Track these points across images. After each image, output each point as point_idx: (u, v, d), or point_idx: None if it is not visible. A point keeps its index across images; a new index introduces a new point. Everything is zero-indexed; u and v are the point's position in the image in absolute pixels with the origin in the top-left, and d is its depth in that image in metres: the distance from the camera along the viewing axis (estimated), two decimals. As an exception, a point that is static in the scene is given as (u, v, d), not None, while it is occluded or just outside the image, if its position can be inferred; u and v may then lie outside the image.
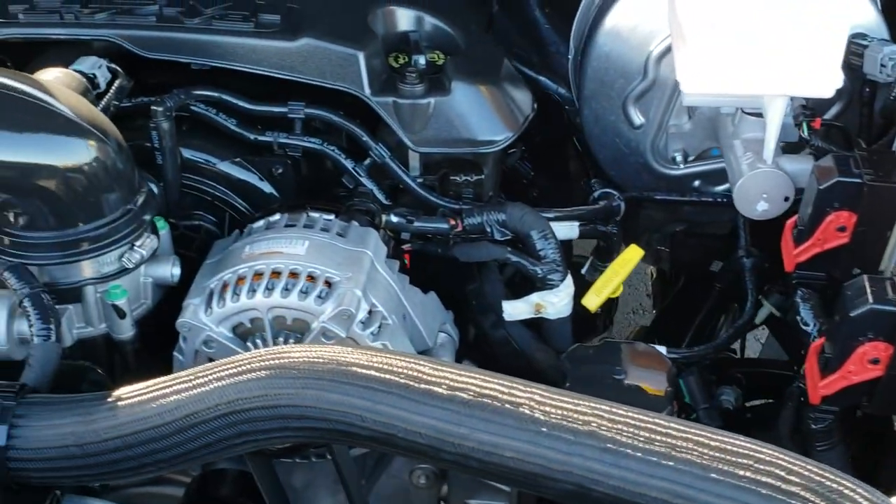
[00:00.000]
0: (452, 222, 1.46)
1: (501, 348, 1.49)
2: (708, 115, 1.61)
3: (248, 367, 1.00)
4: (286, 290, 1.24)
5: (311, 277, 1.25)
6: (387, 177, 1.54)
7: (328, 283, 1.26)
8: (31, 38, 1.49)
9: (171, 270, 1.31)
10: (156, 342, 1.34)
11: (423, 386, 0.92)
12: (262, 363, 0.99)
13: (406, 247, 1.49)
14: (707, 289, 1.84)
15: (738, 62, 1.28)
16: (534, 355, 1.47)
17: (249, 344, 1.27)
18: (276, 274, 1.25)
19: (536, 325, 1.49)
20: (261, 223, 1.37)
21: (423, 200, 1.50)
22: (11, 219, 1.21)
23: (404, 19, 1.58)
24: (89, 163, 1.19)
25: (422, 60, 1.50)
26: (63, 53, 1.52)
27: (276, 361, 0.99)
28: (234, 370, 1.00)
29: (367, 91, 1.46)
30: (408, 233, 1.48)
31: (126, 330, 1.28)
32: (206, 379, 1.01)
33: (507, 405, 0.89)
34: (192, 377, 1.02)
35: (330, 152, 1.52)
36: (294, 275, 1.25)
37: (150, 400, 1.02)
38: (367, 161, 1.52)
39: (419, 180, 1.52)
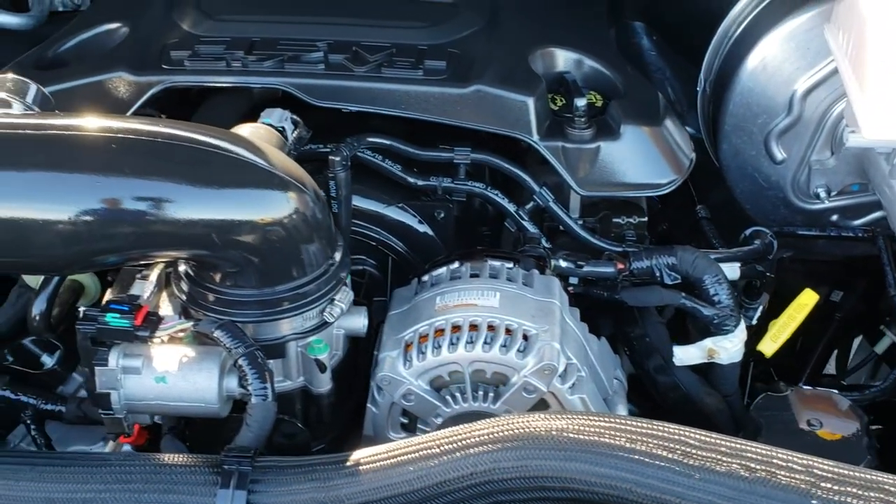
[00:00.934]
0: (620, 266, 1.46)
1: (668, 392, 1.49)
2: (854, 152, 1.61)
3: (498, 435, 1.00)
4: (487, 344, 1.24)
5: (509, 330, 1.25)
6: (545, 219, 1.54)
7: (525, 336, 1.26)
8: (197, 85, 1.50)
9: (362, 321, 1.31)
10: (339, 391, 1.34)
11: (694, 461, 0.92)
12: (512, 432, 0.99)
13: (569, 290, 1.49)
14: (825, 319, 1.84)
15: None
16: (703, 400, 1.47)
17: (447, 397, 1.27)
18: (474, 327, 1.26)
19: (701, 369, 1.49)
20: (441, 271, 1.37)
21: (586, 243, 1.51)
22: (216, 276, 1.21)
23: (562, 60, 1.59)
24: (293, 216, 1.18)
25: (582, 103, 1.50)
26: (228, 100, 1.53)
27: (528, 430, 0.99)
28: (483, 438, 1.00)
29: (536, 136, 1.47)
30: (575, 277, 1.48)
31: (325, 383, 1.29)
32: (453, 446, 1.01)
33: (784, 477, 0.89)
34: (435, 444, 1.02)
35: (493, 196, 1.52)
36: (492, 328, 1.25)
37: (394, 466, 1.03)
38: (530, 204, 1.52)
39: (579, 223, 1.53)
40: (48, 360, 1.65)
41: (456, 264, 1.38)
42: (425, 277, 1.39)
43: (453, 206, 1.54)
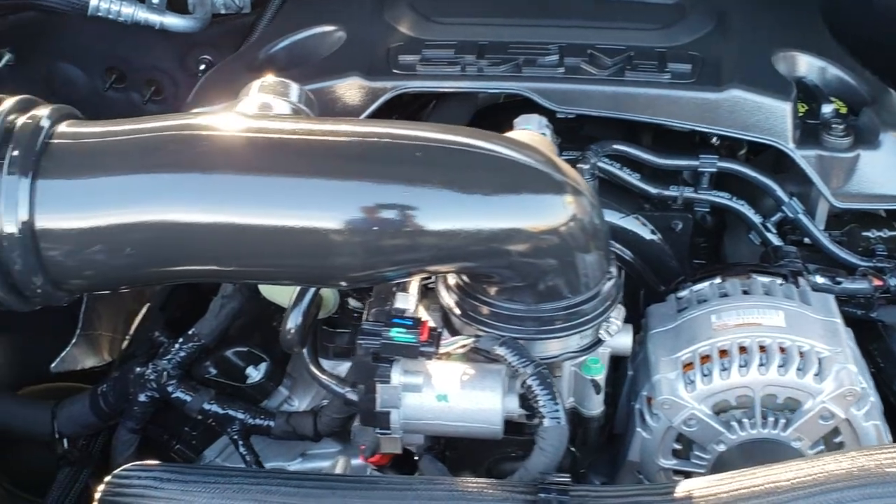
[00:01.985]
0: (877, 283, 1.37)
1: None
2: None
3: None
4: (781, 367, 1.16)
5: (802, 353, 1.17)
6: (786, 232, 1.46)
7: (818, 359, 1.17)
8: (430, 91, 1.44)
9: (629, 340, 1.23)
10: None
11: None
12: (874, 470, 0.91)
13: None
14: None
15: None
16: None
17: (733, 423, 1.18)
18: (763, 349, 1.17)
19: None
20: (703, 287, 1.29)
21: (835, 258, 1.42)
22: (490, 289, 1.14)
23: (805, 65, 1.50)
24: (569, 221, 1.08)
25: (830, 109, 1.42)
26: (454, 106, 1.47)
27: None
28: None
29: (791, 144, 1.38)
30: (832, 294, 1.39)
31: (598, 405, 1.21)
32: (808, 481, 0.92)
33: None
34: (790, 479, 0.93)
35: (738, 207, 1.44)
36: (783, 350, 1.17)
37: (738, 501, 0.94)
38: (776, 216, 1.44)
39: (827, 236, 1.44)
40: (254, 373, 1.60)
41: (718, 280, 1.30)
42: (683, 293, 1.31)
43: (692, 217, 1.46)
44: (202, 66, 2.12)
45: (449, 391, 1.12)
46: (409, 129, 1.07)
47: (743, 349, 1.17)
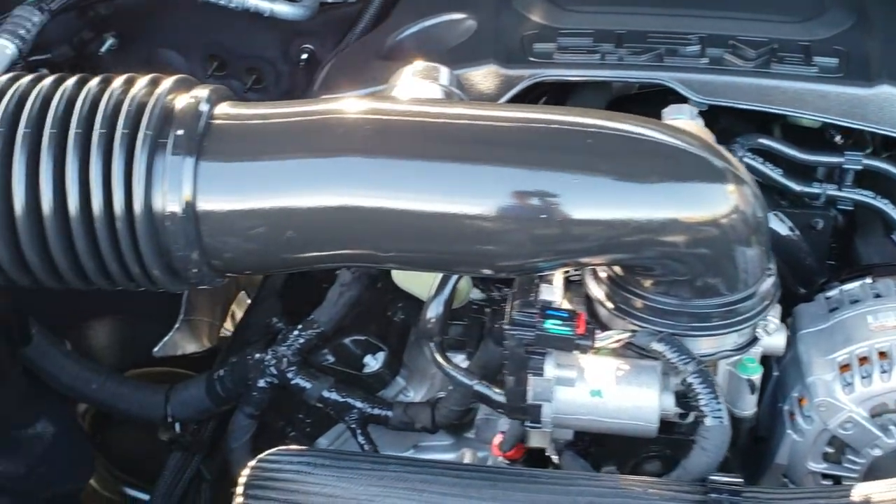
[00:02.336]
0: None
1: None
2: None
3: None
4: (949, 371, 1.12)
5: (970, 357, 1.13)
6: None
7: None
8: (567, 79, 1.41)
9: (783, 340, 1.20)
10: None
11: None
12: None
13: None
14: None
15: None
16: None
17: (891, 427, 1.14)
18: (927, 350, 1.13)
19: None
20: (854, 287, 1.25)
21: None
22: (646, 281, 1.11)
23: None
24: (732, 212, 1.05)
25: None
26: (589, 95, 1.44)
27: None
28: None
29: (946, 142, 1.34)
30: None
31: (751, 406, 1.18)
32: None
33: None
34: None
35: (882, 206, 1.40)
36: (949, 353, 1.13)
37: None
38: (922, 218, 1.39)
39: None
40: (372, 363, 1.59)
41: (869, 280, 1.26)
42: (832, 293, 1.27)
43: (834, 215, 1.42)
44: (304, 56, 2.11)
45: (603, 386, 1.09)
46: (571, 115, 1.05)
47: (905, 351, 1.13)
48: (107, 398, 1.71)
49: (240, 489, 1.10)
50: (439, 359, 1.33)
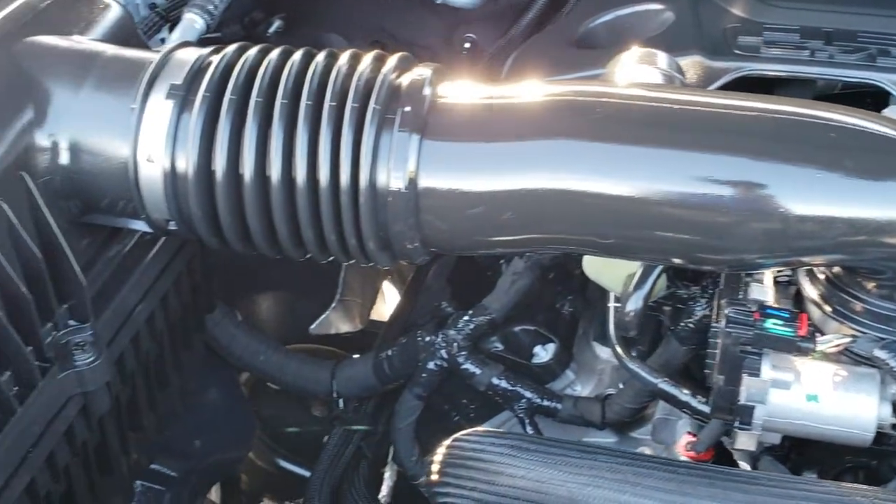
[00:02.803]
0: None
1: None
2: None
3: None
4: None
5: None
6: None
7: None
8: (774, 75, 1.37)
9: None
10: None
11: None
12: None
13: None
14: None
15: None
16: None
17: None
18: None
19: None
20: None
21: None
22: (867, 284, 1.07)
23: None
24: None
25: None
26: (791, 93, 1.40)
27: None
28: None
29: None
30: None
31: (972, 423, 1.12)
32: None
33: None
34: None
35: None
36: None
37: None
38: None
39: None
40: (542, 353, 1.58)
41: None
42: None
43: None
44: (467, 45, 2.11)
45: (820, 392, 1.05)
46: (807, 107, 1.01)
47: None
48: (273, 370, 1.74)
49: (434, 467, 1.10)
50: (622, 353, 1.32)
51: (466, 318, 1.56)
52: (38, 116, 1.06)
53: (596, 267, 1.31)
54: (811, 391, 1.06)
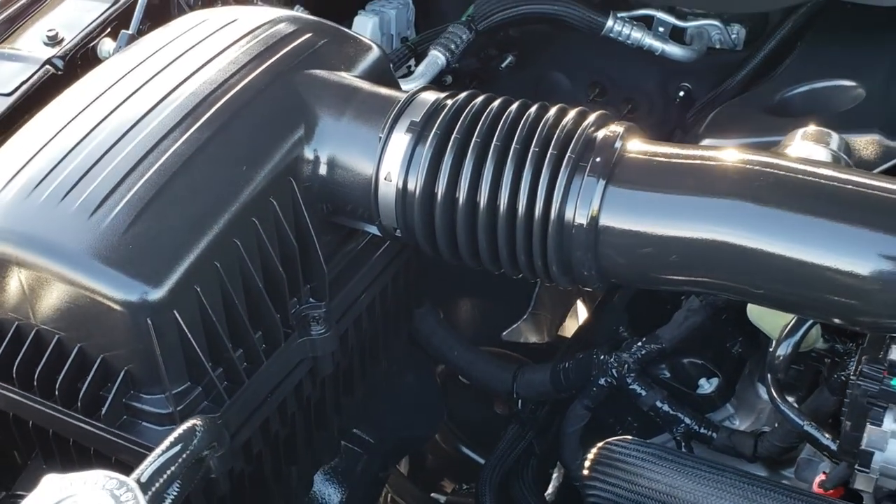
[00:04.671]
0: None
1: None
2: None
3: None
4: None
5: None
6: None
7: None
8: None
9: None
10: None
11: None
12: None
13: None
14: None
15: None
16: None
17: None
18: None
19: None
20: None
21: None
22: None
23: None
24: None
25: None
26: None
27: None
28: None
29: None
30: None
31: None
32: None
33: None
34: None
35: None
36: None
37: None
38: None
39: None
40: (706, 386, 1.73)
41: None
42: None
43: None
44: (681, 94, 2.28)
45: (935, 447, 1.18)
46: None
47: None
48: (463, 365, 1.97)
49: (587, 464, 1.30)
50: (776, 395, 1.46)
51: (640, 343, 1.74)
52: (307, 134, 1.35)
53: (758, 313, 1.47)
54: (928, 446, 1.18)
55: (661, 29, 2.19)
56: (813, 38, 1.89)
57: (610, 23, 2.16)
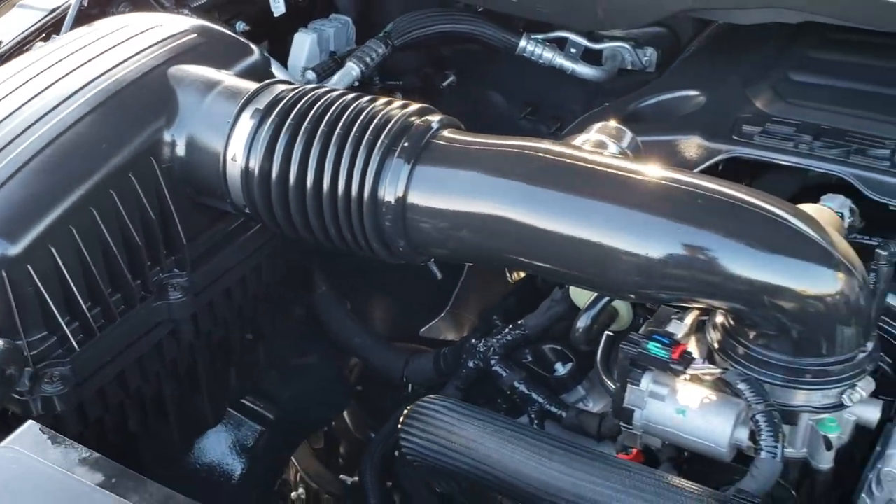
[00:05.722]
0: None
1: None
2: None
3: None
4: None
5: None
6: None
7: None
8: (760, 159, 1.62)
9: (876, 414, 1.33)
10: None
11: None
12: None
13: None
14: None
15: None
16: None
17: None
18: None
19: None
20: None
21: None
22: (750, 332, 1.31)
23: None
24: (838, 296, 1.25)
25: None
26: (780, 178, 1.62)
27: None
28: None
29: None
30: None
31: (827, 461, 1.33)
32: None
33: None
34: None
35: None
36: None
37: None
38: None
39: None
40: (560, 369, 1.86)
41: None
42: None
43: None
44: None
45: (688, 407, 1.31)
46: (709, 182, 1.29)
47: None
48: (360, 351, 2.13)
49: (402, 419, 1.45)
50: (600, 373, 1.60)
51: (507, 330, 1.88)
52: (168, 119, 1.53)
53: (574, 292, 1.62)
54: (681, 406, 1.31)
55: (573, 50, 2.35)
56: (688, 56, 2.04)
57: (523, 43, 2.32)
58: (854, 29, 1.76)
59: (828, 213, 1.41)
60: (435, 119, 1.43)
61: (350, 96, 1.49)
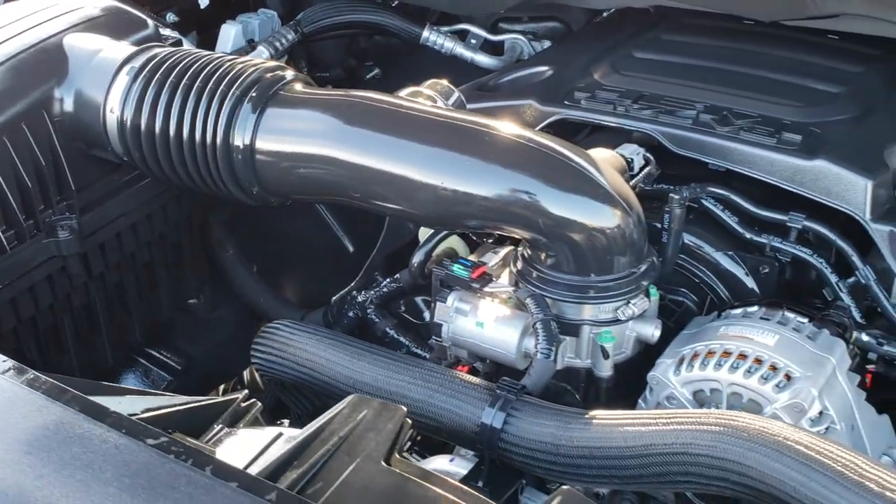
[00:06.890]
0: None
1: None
2: None
3: (706, 420, 1.18)
4: (748, 372, 1.40)
5: (773, 367, 1.40)
6: (865, 298, 1.63)
7: (788, 377, 1.39)
8: (586, 120, 1.82)
9: (653, 331, 1.53)
10: (624, 387, 1.56)
11: (855, 476, 1.03)
12: (719, 420, 1.17)
13: (870, 367, 1.57)
14: None
15: None
16: None
17: (704, 409, 1.44)
18: (743, 356, 1.42)
19: None
20: (738, 310, 1.54)
21: (897, 326, 1.57)
22: (542, 258, 1.51)
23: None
24: (613, 228, 1.45)
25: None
26: (608, 137, 1.83)
27: (731, 422, 1.16)
28: (694, 420, 1.19)
29: (868, 216, 1.57)
30: (875, 354, 1.55)
31: (606, 370, 1.52)
32: (668, 421, 1.21)
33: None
34: (656, 417, 1.23)
35: (817, 264, 1.65)
36: (758, 361, 1.41)
37: (619, 425, 1.25)
38: (851, 279, 1.62)
39: (899, 308, 1.59)
40: (427, 316, 2.06)
41: (755, 308, 1.54)
42: (725, 312, 1.57)
43: (778, 264, 1.68)
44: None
45: (485, 321, 1.51)
46: (508, 127, 1.49)
47: (726, 353, 1.43)
48: (261, 306, 2.33)
49: (254, 340, 1.65)
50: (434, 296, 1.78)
51: (384, 283, 2.08)
52: (59, 78, 1.74)
53: (422, 231, 1.82)
54: (480, 320, 1.51)
55: (473, 41, 2.56)
56: (558, 43, 2.26)
57: (426, 33, 2.53)
58: (712, 14, 1.97)
59: (613, 157, 1.61)
60: (286, 74, 1.64)
61: (216, 56, 1.70)
